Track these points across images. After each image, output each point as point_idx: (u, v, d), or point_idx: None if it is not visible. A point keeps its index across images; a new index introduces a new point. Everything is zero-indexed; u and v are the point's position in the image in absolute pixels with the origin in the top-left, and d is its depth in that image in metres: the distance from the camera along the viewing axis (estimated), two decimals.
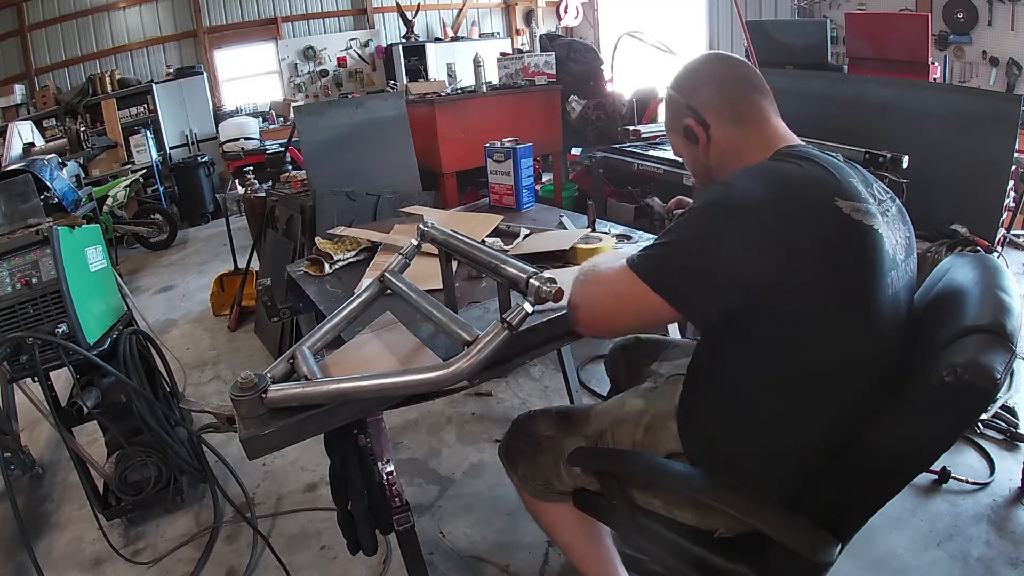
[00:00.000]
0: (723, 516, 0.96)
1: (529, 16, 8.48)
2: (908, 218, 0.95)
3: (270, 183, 3.35)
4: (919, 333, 0.85)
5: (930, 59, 2.90)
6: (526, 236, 1.60)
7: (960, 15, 4.23)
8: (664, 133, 2.97)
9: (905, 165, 1.88)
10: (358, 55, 7.62)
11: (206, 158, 6.20)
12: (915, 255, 0.94)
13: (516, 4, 8.53)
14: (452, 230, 1.12)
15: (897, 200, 0.94)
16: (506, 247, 1.49)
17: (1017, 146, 1.88)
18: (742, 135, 0.96)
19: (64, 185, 2.76)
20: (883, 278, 0.82)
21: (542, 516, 1.24)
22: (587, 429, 1.14)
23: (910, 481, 0.84)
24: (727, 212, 0.81)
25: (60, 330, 1.54)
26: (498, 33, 8.45)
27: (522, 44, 7.47)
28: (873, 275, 0.81)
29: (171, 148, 6.42)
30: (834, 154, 0.91)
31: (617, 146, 3.02)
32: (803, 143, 0.94)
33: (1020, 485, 1.73)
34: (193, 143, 6.60)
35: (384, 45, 7.64)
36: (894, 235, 0.87)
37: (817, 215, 0.80)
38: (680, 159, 1.08)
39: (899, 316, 0.87)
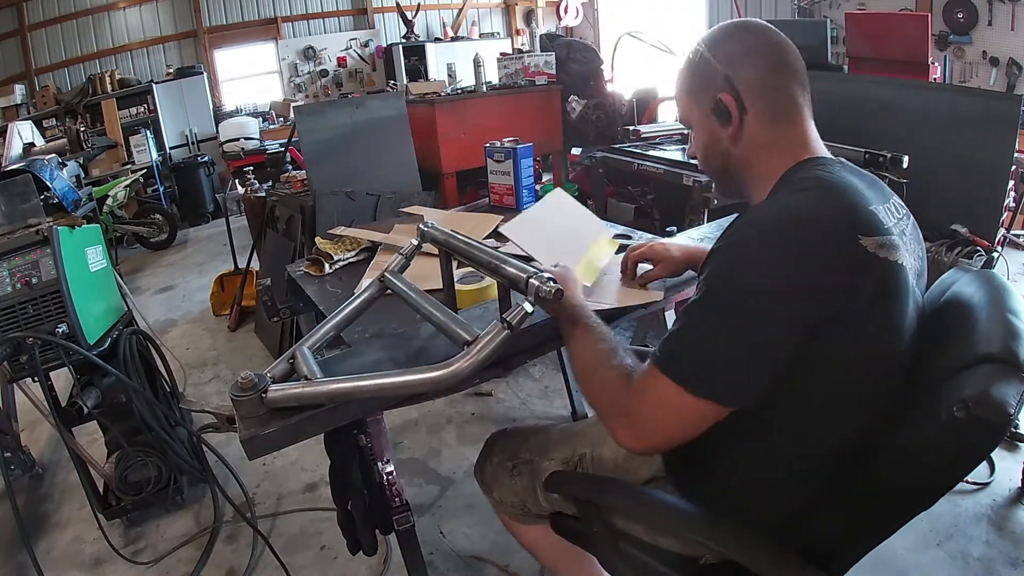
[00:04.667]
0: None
1: (529, 16, 8.49)
2: (920, 234, 0.89)
3: (270, 183, 3.35)
4: (924, 352, 0.81)
5: (930, 59, 2.90)
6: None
7: (960, 15, 4.23)
8: (664, 133, 3.02)
9: (905, 165, 1.88)
10: (358, 55, 7.62)
11: (206, 158, 6.20)
12: (925, 275, 0.89)
13: (516, 4, 8.53)
14: (452, 230, 1.12)
15: (911, 216, 0.88)
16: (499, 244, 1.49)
17: (1017, 146, 1.87)
18: (774, 134, 0.86)
19: (64, 185, 2.77)
20: (906, 314, 0.79)
21: (522, 538, 1.21)
22: (565, 451, 1.09)
23: (912, 518, 0.79)
24: (743, 286, 0.74)
25: (60, 330, 1.53)
26: (498, 33, 8.45)
27: (522, 44, 7.47)
28: (899, 312, 0.77)
29: (171, 148, 6.42)
30: (857, 171, 0.85)
31: (617, 146, 3.01)
32: (827, 157, 0.86)
33: (1020, 485, 1.73)
34: (193, 143, 6.60)
35: (384, 45, 7.64)
36: (913, 262, 0.81)
37: (838, 258, 0.72)
38: (686, 129, 0.90)
39: (910, 342, 0.83)
